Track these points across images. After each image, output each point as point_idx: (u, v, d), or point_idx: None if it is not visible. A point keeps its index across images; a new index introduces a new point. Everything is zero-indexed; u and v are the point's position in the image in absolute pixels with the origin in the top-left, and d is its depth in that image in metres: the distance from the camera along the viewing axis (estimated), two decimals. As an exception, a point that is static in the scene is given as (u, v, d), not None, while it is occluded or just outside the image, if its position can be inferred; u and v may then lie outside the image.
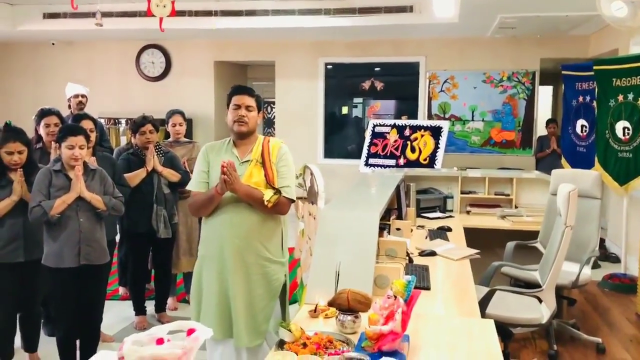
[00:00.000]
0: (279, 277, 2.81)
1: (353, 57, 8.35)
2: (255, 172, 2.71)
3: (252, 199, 2.67)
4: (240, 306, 2.69)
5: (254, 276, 2.72)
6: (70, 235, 3.12)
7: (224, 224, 2.71)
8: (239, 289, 2.70)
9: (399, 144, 7.16)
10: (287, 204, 2.75)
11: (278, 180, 2.72)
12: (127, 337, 1.16)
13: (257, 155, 2.75)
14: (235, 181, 2.60)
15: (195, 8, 6.98)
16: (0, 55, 9.14)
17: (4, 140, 3.20)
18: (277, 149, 2.79)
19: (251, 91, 2.80)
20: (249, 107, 2.75)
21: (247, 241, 2.71)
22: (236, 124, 2.74)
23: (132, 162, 4.15)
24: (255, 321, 2.73)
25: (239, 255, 2.70)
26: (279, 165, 2.76)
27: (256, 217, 2.71)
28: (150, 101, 8.49)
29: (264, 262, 2.74)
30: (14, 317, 3.43)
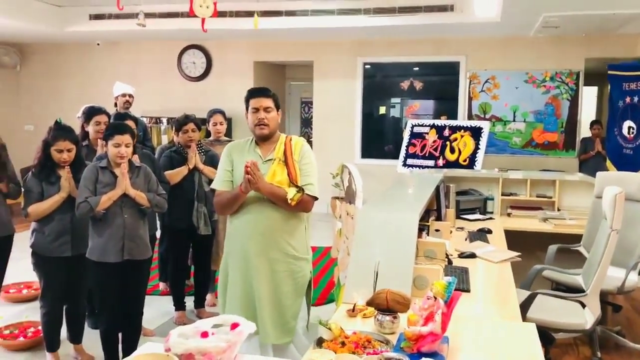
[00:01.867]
0: (305, 274, 2.84)
1: (392, 57, 8.31)
2: (279, 170, 2.75)
3: (275, 197, 2.71)
4: (266, 302, 2.73)
5: (280, 273, 2.76)
6: (115, 231, 3.21)
7: (248, 222, 2.76)
8: (264, 285, 2.74)
9: (438, 145, 7.09)
10: (310, 202, 2.78)
11: (301, 178, 2.76)
12: (173, 329, 1.19)
13: (279, 154, 2.78)
14: (259, 180, 2.65)
15: (236, 9, 7.06)
16: (48, 55, 9.44)
17: (54, 138, 3.30)
18: (299, 147, 2.82)
19: (267, 92, 2.83)
20: (267, 109, 2.78)
21: (271, 238, 2.75)
22: (257, 127, 2.78)
23: (175, 159, 4.23)
24: (283, 318, 2.75)
25: (264, 252, 2.74)
26: (302, 163, 2.79)
27: (280, 214, 2.75)
28: (191, 101, 8.63)
29: (290, 259, 2.78)
30: (60, 309, 3.55)
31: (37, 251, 3.39)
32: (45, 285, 3.45)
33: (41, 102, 9.47)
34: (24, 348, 3.81)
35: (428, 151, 7.13)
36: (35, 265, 3.45)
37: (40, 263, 3.40)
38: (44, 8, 7.37)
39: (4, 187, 3.30)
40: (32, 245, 3.40)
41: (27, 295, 4.77)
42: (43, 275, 3.43)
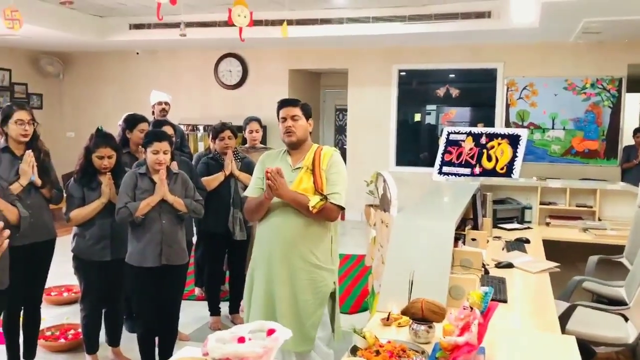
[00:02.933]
0: (327, 284, 2.84)
1: (428, 64, 8.26)
2: (305, 178, 2.80)
3: (297, 204, 2.75)
4: (286, 309, 2.75)
5: (301, 281, 2.77)
6: (153, 236, 3.27)
7: (272, 228, 2.82)
8: (285, 292, 2.76)
9: (474, 152, 7.00)
10: (334, 211, 2.80)
11: (327, 187, 2.79)
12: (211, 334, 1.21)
13: (308, 163, 2.84)
14: (281, 187, 2.71)
15: (272, 17, 7.13)
16: (90, 64, 9.72)
17: (95, 145, 3.39)
18: (328, 157, 2.86)
19: (295, 102, 2.92)
20: (294, 117, 2.85)
21: (293, 245, 2.77)
22: (285, 135, 2.87)
23: (211, 166, 4.29)
24: (303, 326, 2.76)
25: (286, 259, 2.77)
26: (330, 172, 2.82)
27: (303, 222, 2.78)
28: (227, 108, 8.75)
29: (312, 267, 2.79)
30: (99, 312, 3.62)
31: (78, 255, 3.48)
32: (85, 289, 3.53)
33: (82, 110, 9.74)
34: (64, 349, 3.91)
35: (464, 159, 7.05)
36: (76, 269, 3.54)
37: (81, 267, 3.49)
38: (87, 19, 7.60)
39: (47, 192, 3.41)
40: (73, 250, 3.50)
41: (68, 298, 4.90)
42: (83, 279, 3.52)
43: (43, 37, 7.64)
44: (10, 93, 9.11)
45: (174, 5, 3.88)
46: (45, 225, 3.40)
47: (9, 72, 9.08)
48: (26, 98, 9.28)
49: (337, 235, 2.94)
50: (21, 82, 9.31)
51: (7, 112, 3.28)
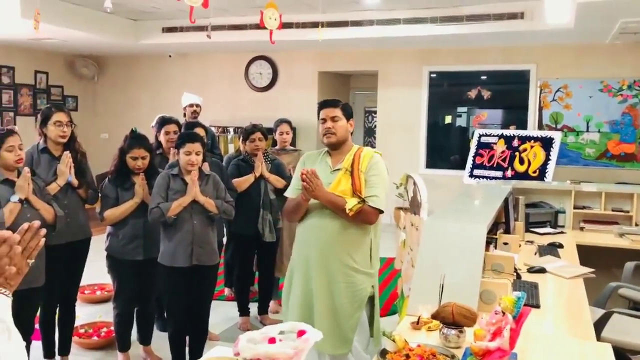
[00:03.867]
0: (365, 288, 2.81)
1: (459, 65, 8.18)
2: (344, 180, 2.77)
3: (334, 206, 2.73)
4: (323, 312, 2.74)
5: (338, 284, 2.75)
6: (184, 236, 3.31)
7: (310, 230, 2.81)
8: (323, 294, 2.75)
9: (506, 155, 6.90)
10: (373, 214, 2.76)
11: (366, 190, 2.75)
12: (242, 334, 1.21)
13: (347, 164, 2.81)
14: (317, 188, 2.69)
15: (302, 20, 7.16)
16: (123, 67, 9.90)
17: (129, 146, 3.46)
18: (369, 159, 2.82)
19: (335, 102, 2.89)
20: (334, 118, 2.82)
21: (330, 248, 2.76)
22: (325, 136, 2.85)
23: (242, 167, 4.32)
24: (340, 329, 2.75)
25: (323, 261, 2.76)
26: (369, 175, 2.78)
27: (340, 224, 2.75)
28: (257, 110, 8.81)
29: (349, 270, 2.76)
30: (131, 310, 3.69)
31: (112, 254, 3.54)
32: (118, 287, 3.60)
33: (116, 112, 9.93)
34: (97, 347, 3.98)
35: (496, 162, 6.96)
36: (109, 268, 3.61)
37: (114, 266, 3.56)
38: (121, 22, 7.74)
39: (83, 192, 3.48)
40: (107, 249, 3.57)
41: (101, 296, 4.99)
42: (117, 278, 3.59)
43: (79, 40, 7.81)
44: (47, 95, 9.35)
45: (206, 9, 3.91)
46: (81, 225, 3.48)
47: (46, 75, 9.31)
48: (62, 100, 9.51)
49: (377, 238, 2.90)
50: (57, 84, 9.54)
51: (47, 114, 3.37)
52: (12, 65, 8.68)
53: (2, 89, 8.57)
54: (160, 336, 3.93)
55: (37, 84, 9.18)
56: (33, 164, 3.31)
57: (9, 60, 8.62)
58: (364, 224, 2.79)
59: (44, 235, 1.25)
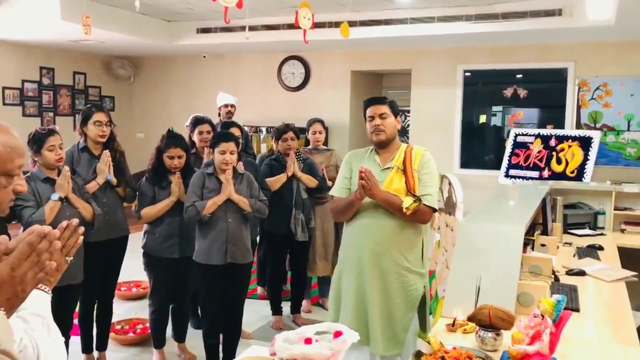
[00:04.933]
0: (418, 288, 2.77)
1: (494, 64, 8.04)
2: (396, 179, 2.72)
3: (390, 205, 2.68)
4: (378, 313, 2.70)
5: (392, 284, 2.72)
6: (219, 234, 3.34)
7: (362, 230, 2.75)
8: (377, 296, 2.71)
9: (543, 155, 6.76)
10: (428, 213, 2.72)
11: (420, 188, 2.70)
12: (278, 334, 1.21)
13: (398, 162, 2.75)
14: (374, 187, 2.64)
15: (335, 19, 7.14)
16: (159, 68, 10.05)
17: (166, 145, 3.51)
18: (420, 157, 2.78)
19: (382, 100, 2.84)
20: (382, 115, 2.78)
21: (384, 248, 2.71)
22: (373, 134, 2.80)
23: (274, 167, 4.34)
24: (393, 330, 2.71)
25: (376, 261, 2.71)
26: (422, 173, 2.74)
27: (395, 224, 2.70)
28: (290, 110, 8.82)
29: (403, 271, 2.72)
30: (167, 308, 3.74)
31: (148, 252, 3.60)
32: (154, 285, 3.65)
33: (151, 112, 10.08)
34: (133, 343, 4.05)
35: (532, 162, 6.81)
36: (146, 265, 3.66)
37: (151, 263, 3.61)
38: (156, 23, 7.86)
39: (121, 191, 3.55)
40: (143, 246, 3.63)
41: (137, 293, 5.08)
42: (153, 275, 3.64)
43: (115, 42, 7.96)
44: (85, 95, 9.55)
45: (240, 9, 3.93)
46: (119, 223, 3.54)
47: (84, 76, 9.52)
48: (99, 100, 9.71)
49: (428, 237, 2.87)
50: (95, 85, 9.74)
51: (87, 114, 3.45)
52: (51, 66, 8.90)
53: (43, 89, 8.79)
54: (195, 334, 3.97)
55: (76, 84, 9.39)
56: (73, 163, 3.38)
57: (49, 62, 8.84)
58: (419, 223, 2.75)
59: (82, 233, 1.27)
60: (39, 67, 8.71)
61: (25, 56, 8.36)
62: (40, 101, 8.75)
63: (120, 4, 6.76)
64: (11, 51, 8.14)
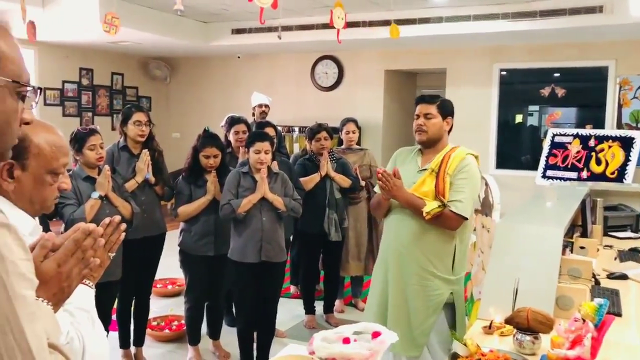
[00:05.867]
0: (442, 293, 2.71)
1: (531, 63, 7.89)
2: (428, 181, 2.69)
3: (412, 207, 2.67)
4: (397, 313, 2.70)
5: (412, 287, 2.70)
6: (254, 233, 3.37)
7: (390, 229, 2.79)
8: (397, 295, 2.72)
9: (582, 155, 6.60)
10: (454, 219, 2.65)
11: (450, 193, 2.64)
12: (316, 333, 1.21)
13: (435, 165, 2.71)
14: (394, 188, 2.62)
15: (369, 18, 7.12)
16: (194, 68, 10.19)
17: (202, 145, 3.56)
18: (459, 160, 2.71)
19: (431, 99, 2.78)
20: (427, 115, 2.73)
21: (408, 249, 2.70)
22: (416, 133, 2.77)
23: (308, 167, 4.35)
24: (411, 333, 2.69)
25: (400, 261, 2.72)
26: (456, 178, 2.67)
27: (420, 226, 2.68)
28: (323, 110, 8.83)
29: (426, 274, 2.69)
30: (202, 305, 3.79)
31: (184, 249, 3.65)
32: (190, 282, 3.71)
33: (187, 112, 10.22)
34: (169, 339, 4.12)
35: (570, 162, 6.67)
36: (182, 263, 3.72)
37: (187, 261, 3.66)
38: (192, 25, 7.97)
39: (159, 189, 3.61)
40: (180, 244, 3.68)
41: (172, 290, 5.16)
42: (188, 273, 3.70)
43: (152, 43, 8.11)
44: (123, 96, 9.75)
45: (274, 9, 3.96)
46: (156, 221, 3.61)
47: (122, 77, 9.72)
48: (136, 100, 9.90)
49: (463, 245, 2.78)
50: (132, 85, 9.94)
51: (127, 114, 3.53)
52: (90, 67, 9.11)
53: (82, 90, 9.01)
54: (229, 331, 4.01)
55: (114, 85, 9.60)
56: (113, 162, 3.46)
57: (88, 63, 9.06)
58: (444, 228, 2.68)
59: (124, 230, 1.29)
60: (79, 68, 8.93)
61: (66, 58, 8.58)
62: (79, 101, 8.97)
63: (157, 6, 6.88)
64: (52, 53, 8.36)
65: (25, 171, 1.22)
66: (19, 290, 0.76)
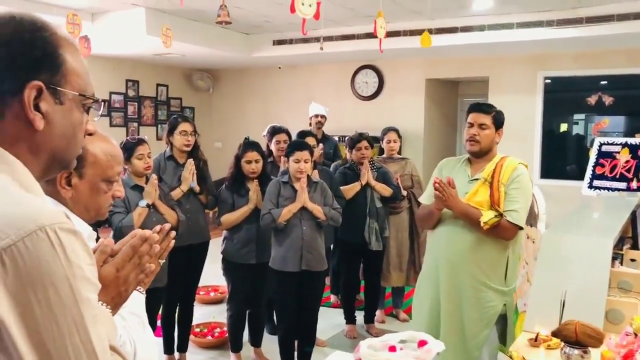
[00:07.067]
0: (496, 305, 2.67)
1: (577, 70, 7.71)
2: (482, 191, 2.64)
3: (468, 218, 2.61)
4: (450, 326, 2.65)
5: (468, 299, 2.65)
6: (294, 242, 3.39)
7: (441, 240, 2.71)
8: (450, 308, 2.66)
9: (631, 165, 6.39)
10: (510, 230, 2.61)
11: (505, 203, 2.60)
12: (362, 341, 1.22)
13: (487, 175, 2.66)
14: (450, 198, 2.58)
15: (410, 27, 7.10)
16: (236, 79, 10.35)
17: (243, 151, 3.63)
18: (511, 170, 2.66)
19: (487, 109, 2.73)
20: (482, 125, 2.68)
21: (461, 260, 2.65)
22: (467, 143, 2.72)
23: (348, 176, 4.36)
24: (465, 346, 2.65)
25: (452, 273, 2.66)
26: (510, 187, 2.62)
27: (474, 237, 2.63)
28: (363, 119, 8.84)
29: (480, 285, 2.64)
30: (244, 313, 3.83)
31: (227, 257, 3.71)
32: (232, 290, 3.75)
33: (229, 122, 10.38)
34: (211, 346, 4.17)
35: (619, 172, 6.47)
36: (224, 271, 3.77)
37: (229, 269, 3.72)
38: (235, 36, 8.11)
39: (204, 198, 3.69)
40: (222, 252, 3.74)
41: (214, 297, 5.23)
42: (231, 280, 3.75)
43: (196, 55, 8.29)
44: (167, 107, 9.98)
45: (317, 20, 4.00)
46: (200, 229, 3.68)
47: (166, 88, 9.96)
48: (180, 111, 10.12)
49: (515, 255, 2.74)
50: (176, 96, 10.17)
51: (174, 124, 3.62)
52: (136, 79, 9.37)
53: (128, 101, 9.27)
54: (270, 339, 4.04)
55: (159, 96, 9.84)
56: (160, 171, 3.55)
57: (134, 75, 9.32)
58: (500, 239, 2.64)
59: (173, 237, 1.33)
60: (125, 79, 9.19)
61: (113, 69, 8.85)
62: (125, 112, 9.23)
63: (201, 19, 7.04)
64: (101, 65, 8.64)
65: (82, 179, 1.27)
66: (84, 294, 0.79)
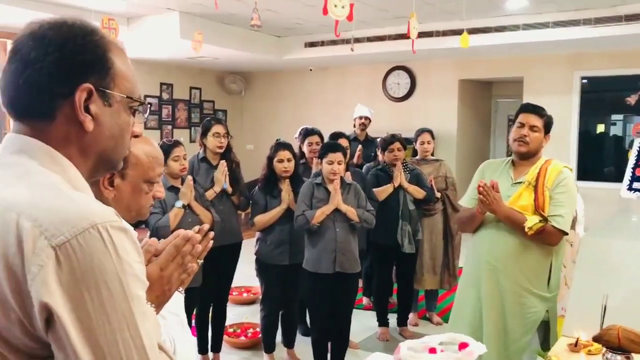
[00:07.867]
0: (538, 311, 2.62)
1: (615, 70, 7.53)
2: (526, 195, 2.58)
3: (512, 222, 2.56)
4: (492, 331, 2.61)
5: (510, 304, 2.60)
6: (328, 244, 3.39)
7: (483, 244, 2.67)
8: (493, 313, 2.62)
9: (673, 167, 6.21)
10: (555, 235, 2.55)
11: (550, 208, 2.54)
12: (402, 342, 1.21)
13: (531, 178, 2.61)
14: (494, 202, 2.53)
15: (442, 28, 7.04)
16: (268, 81, 10.43)
17: (275, 150, 3.66)
18: (556, 174, 2.60)
19: (540, 111, 2.68)
20: (533, 127, 2.63)
21: (504, 265, 2.61)
22: (516, 142, 2.66)
23: (380, 177, 4.34)
24: (507, 351, 2.61)
25: (495, 278, 2.62)
26: (555, 192, 2.57)
27: (518, 241, 2.58)
28: (395, 120, 8.79)
29: (522, 291, 2.59)
30: (277, 313, 3.84)
31: (260, 258, 3.73)
32: (265, 291, 3.78)
33: (260, 124, 10.46)
34: (244, 346, 4.20)
35: (660, 174, 6.28)
36: (258, 271, 3.80)
37: (262, 269, 3.74)
38: (267, 39, 8.17)
39: (236, 199, 3.72)
40: (256, 253, 3.77)
41: (247, 298, 5.26)
42: (264, 281, 3.77)
43: (228, 58, 8.37)
44: (200, 109, 10.11)
45: (350, 22, 3.99)
46: (233, 230, 3.71)
47: (199, 91, 10.09)
48: (213, 113, 10.23)
49: (558, 261, 2.69)
50: (209, 99, 10.29)
51: (207, 126, 3.67)
52: (170, 82, 9.52)
53: (162, 104, 9.42)
54: (303, 340, 4.05)
55: (192, 99, 9.97)
56: (193, 172, 3.60)
57: (168, 78, 9.47)
58: (545, 244, 2.59)
59: (212, 238, 1.34)
60: (159, 83, 9.34)
61: (148, 73, 9.00)
62: (160, 115, 9.38)
63: (234, 22, 7.11)
64: (136, 68, 8.51)
65: (124, 180, 1.30)
66: (134, 290, 0.81)
